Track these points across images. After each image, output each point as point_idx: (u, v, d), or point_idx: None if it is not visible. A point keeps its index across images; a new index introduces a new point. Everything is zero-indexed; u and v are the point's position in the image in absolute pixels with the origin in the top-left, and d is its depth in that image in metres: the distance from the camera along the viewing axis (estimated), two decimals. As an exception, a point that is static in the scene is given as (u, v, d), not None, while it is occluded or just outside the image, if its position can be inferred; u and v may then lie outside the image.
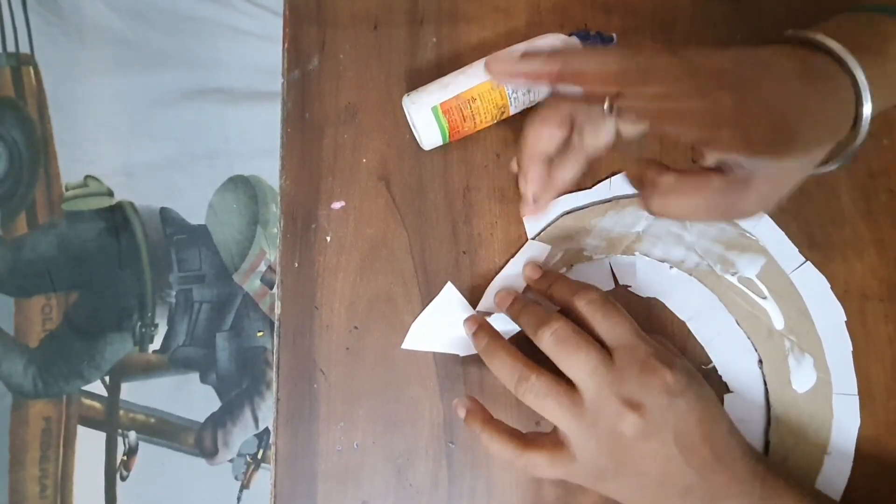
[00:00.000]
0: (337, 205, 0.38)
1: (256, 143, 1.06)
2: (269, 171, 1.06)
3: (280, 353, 0.37)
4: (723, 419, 0.31)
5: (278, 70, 0.40)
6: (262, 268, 1.04)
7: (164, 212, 1.05)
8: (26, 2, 1.08)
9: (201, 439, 1.01)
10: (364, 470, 0.36)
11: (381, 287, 0.37)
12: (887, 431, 0.35)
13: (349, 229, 0.38)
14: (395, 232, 0.38)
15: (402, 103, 0.36)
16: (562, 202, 0.37)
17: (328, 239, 0.38)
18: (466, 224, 0.38)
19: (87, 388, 1.02)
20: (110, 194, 1.05)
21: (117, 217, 1.05)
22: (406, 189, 0.38)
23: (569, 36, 0.36)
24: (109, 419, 1.01)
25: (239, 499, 1.00)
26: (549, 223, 0.37)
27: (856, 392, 0.35)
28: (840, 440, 0.35)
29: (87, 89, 1.07)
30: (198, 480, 1.00)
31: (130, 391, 1.02)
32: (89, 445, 1.01)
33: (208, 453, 1.01)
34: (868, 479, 0.35)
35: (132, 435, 1.01)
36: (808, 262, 0.36)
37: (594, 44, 0.36)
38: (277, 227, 0.39)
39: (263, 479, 1.01)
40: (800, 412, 0.35)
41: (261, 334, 1.03)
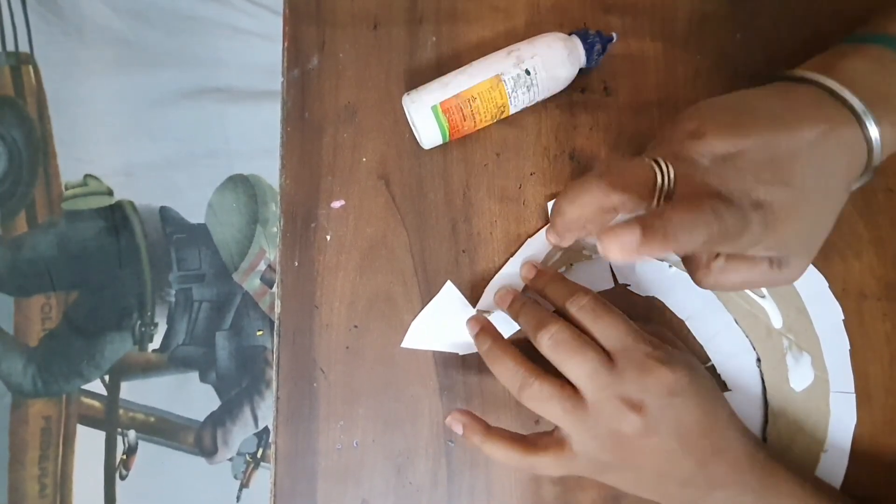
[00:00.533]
0: (337, 204, 0.38)
1: (256, 142, 1.06)
2: (269, 171, 1.06)
3: (280, 351, 0.37)
4: (722, 410, 0.31)
5: (278, 69, 0.40)
6: (261, 267, 1.04)
7: (163, 211, 1.05)
8: (26, 1, 1.08)
9: (201, 438, 1.01)
10: (364, 468, 0.36)
11: (381, 286, 0.37)
12: (884, 430, 0.35)
13: (349, 228, 0.38)
14: (395, 231, 0.38)
15: (402, 102, 0.36)
16: None
17: (328, 238, 0.38)
18: (466, 223, 0.38)
19: (86, 387, 1.02)
20: (110, 193, 1.05)
21: (117, 216, 1.05)
22: (406, 188, 0.38)
23: (569, 35, 0.36)
24: (109, 418, 1.02)
25: (238, 498, 1.00)
26: None
27: (853, 390, 0.35)
28: (837, 438, 0.35)
29: (87, 88, 1.07)
30: (197, 479, 1.00)
31: (130, 390, 1.02)
32: (89, 444, 1.01)
33: (208, 452, 1.01)
34: (864, 477, 0.35)
35: (132, 434, 1.01)
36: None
37: (594, 44, 0.36)
38: (277, 226, 0.39)
39: (263, 477, 1.01)
40: (797, 410, 0.35)
41: (260, 333, 1.03)
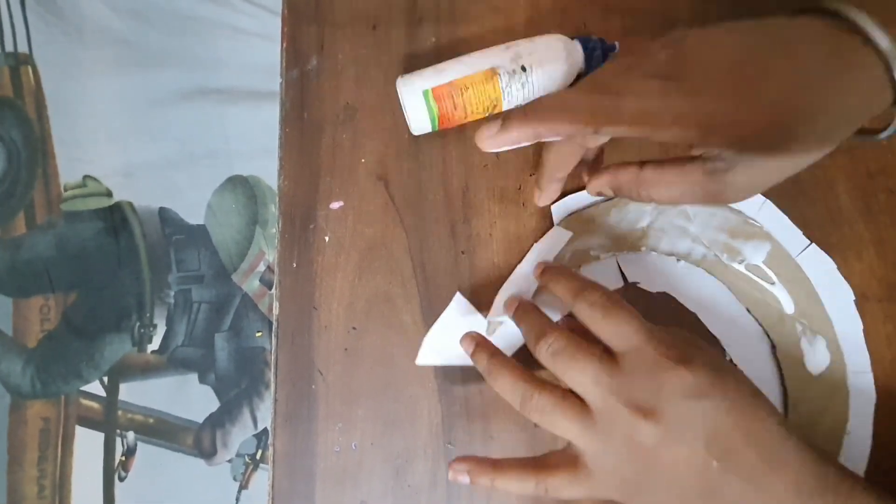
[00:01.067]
0: (335, 205, 0.38)
1: (255, 143, 1.06)
2: (269, 171, 1.06)
3: (278, 353, 0.37)
4: (769, 415, 0.26)
5: (277, 69, 0.40)
6: (260, 268, 1.04)
7: (162, 212, 1.05)
8: (25, 1, 1.08)
9: (200, 439, 1.01)
10: (362, 470, 0.36)
11: (380, 287, 0.37)
12: (885, 431, 0.35)
13: (348, 229, 0.38)
14: (394, 232, 0.38)
15: (396, 84, 0.36)
16: (570, 200, 0.37)
17: (327, 239, 0.38)
18: (465, 224, 0.38)
19: (85, 388, 1.02)
20: (109, 194, 1.05)
21: (116, 217, 1.04)
22: (405, 189, 0.38)
23: (571, 40, 0.36)
24: (108, 419, 1.01)
25: (237, 499, 1.00)
26: (572, 212, 0.37)
27: (869, 369, 0.35)
28: (858, 419, 0.34)
29: (86, 89, 1.07)
30: (196, 481, 1.00)
31: (129, 391, 1.02)
32: (88, 446, 1.01)
33: (207, 454, 1.01)
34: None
35: (131, 435, 1.01)
36: (813, 243, 0.36)
37: (595, 49, 0.36)
38: (276, 227, 0.38)
39: (262, 479, 1.01)
40: (816, 394, 0.35)
41: (259, 335, 1.03)
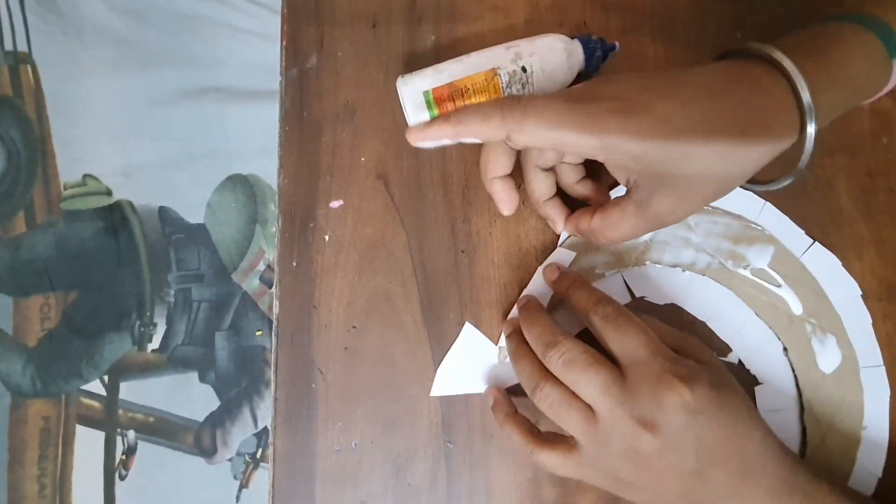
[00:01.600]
0: (335, 204, 0.38)
1: (255, 142, 1.06)
2: (268, 170, 1.06)
3: (278, 352, 0.37)
4: (755, 429, 0.29)
5: (277, 68, 0.40)
6: (260, 267, 1.04)
7: (162, 211, 1.05)
8: (24, 0, 1.07)
9: (200, 438, 1.01)
10: (362, 470, 0.36)
11: (380, 286, 0.37)
12: None
13: (347, 228, 0.38)
14: (394, 231, 0.38)
15: (396, 84, 0.36)
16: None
17: (326, 238, 0.38)
18: (465, 223, 0.38)
19: (85, 387, 1.02)
20: (109, 193, 1.05)
21: (116, 216, 1.04)
22: (405, 188, 0.38)
23: (571, 39, 0.36)
24: (108, 418, 1.01)
25: (238, 498, 1.00)
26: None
27: (882, 363, 0.35)
28: (874, 413, 0.35)
29: (86, 88, 1.07)
30: (197, 480, 1.00)
31: (129, 390, 1.02)
32: (88, 445, 1.01)
33: (207, 452, 1.01)
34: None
35: (131, 434, 1.01)
36: (816, 242, 0.36)
37: (595, 50, 0.36)
38: (276, 226, 0.38)
39: (262, 478, 1.01)
40: (831, 393, 0.35)
41: (259, 333, 1.03)
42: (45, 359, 1.02)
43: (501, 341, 0.36)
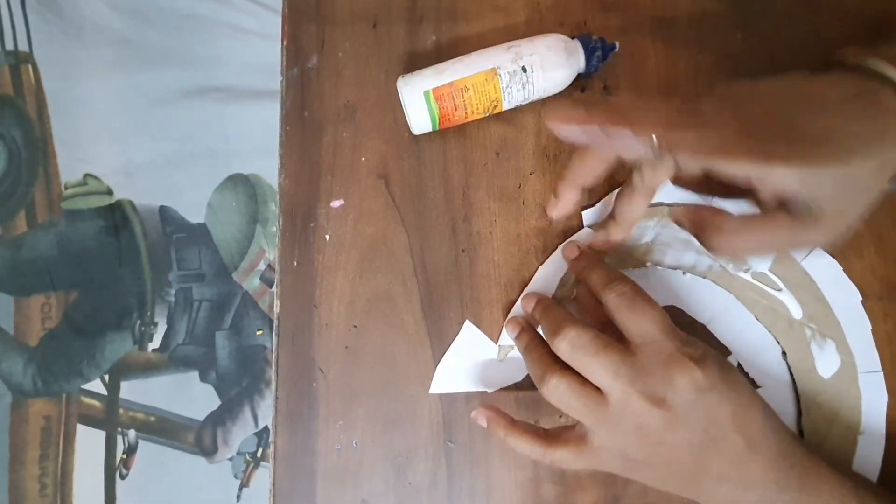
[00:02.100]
0: (336, 203, 0.38)
1: (256, 141, 1.06)
2: (269, 170, 1.06)
3: (279, 351, 0.37)
4: (757, 407, 0.30)
5: (278, 68, 0.40)
6: (261, 266, 1.04)
7: (163, 210, 1.05)
8: (25, 0, 1.08)
9: (201, 438, 1.01)
10: (363, 469, 0.36)
11: (381, 286, 0.37)
12: (894, 429, 0.35)
13: (348, 228, 0.38)
14: (395, 231, 0.38)
15: (397, 84, 0.36)
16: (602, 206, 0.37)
17: (327, 237, 0.38)
18: (466, 223, 0.38)
19: (86, 386, 1.02)
20: (110, 193, 1.05)
21: (117, 216, 1.05)
22: (405, 188, 0.38)
23: (571, 39, 0.36)
24: (109, 418, 1.02)
25: (238, 497, 1.00)
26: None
27: (880, 368, 0.35)
28: (871, 418, 0.35)
29: (87, 88, 1.07)
30: (197, 479, 1.00)
31: (130, 390, 1.02)
32: (89, 444, 1.01)
33: (208, 452, 1.01)
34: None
35: (132, 433, 1.01)
36: (818, 247, 0.36)
37: (595, 50, 0.36)
38: (276, 225, 0.39)
39: (263, 477, 1.01)
40: (829, 397, 0.35)
41: (260, 333, 1.03)
42: (47, 358, 1.02)
43: (502, 339, 0.37)
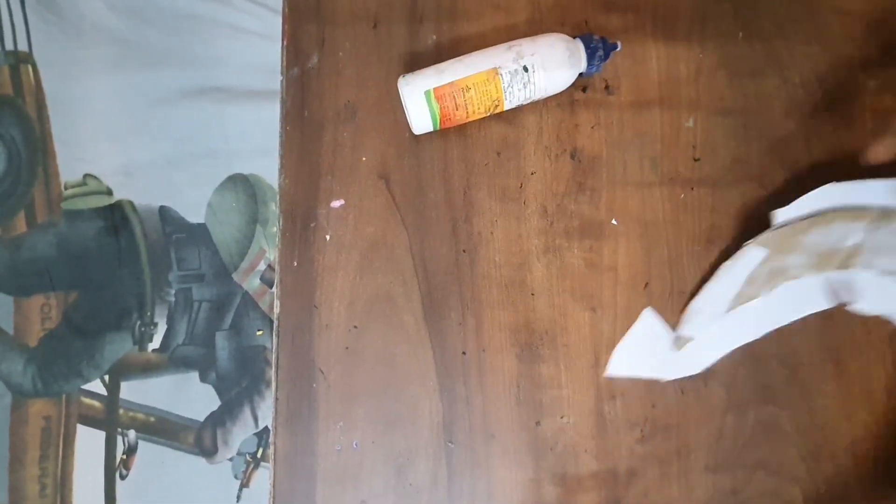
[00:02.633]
0: (336, 203, 0.38)
1: (256, 141, 1.06)
2: (269, 170, 1.06)
3: (279, 352, 0.37)
4: None
5: (278, 68, 0.40)
6: (261, 266, 1.04)
7: (163, 211, 1.05)
8: (25, 0, 1.07)
9: (201, 438, 1.01)
10: (363, 469, 0.36)
11: (381, 286, 0.37)
12: (886, 431, 0.35)
13: (348, 228, 0.38)
14: (395, 231, 0.38)
15: (398, 84, 0.36)
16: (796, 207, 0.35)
17: (327, 238, 0.38)
18: (466, 223, 0.38)
19: (86, 387, 1.02)
20: (109, 193, 1.05)
21: (116, 216, 1.04)
22: (406, 188, 0.38)
23: (573, 39, 0.36)
24: (109, 418, 1.01)
25: (238, 497, 1.00)
26: (770, 229, 0.35)
27: None
28: None
29: (86, 88, 1.06)
30: (197, 479, 1.00)
31: (130, 390, 1.02)
32: (89, 444, 1.01)
33: (208, 452, 1.01)
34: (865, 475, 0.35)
35: (132, 434, 1.01)
36: None
37: (597, 49, 0.36)
38: (277, 225, 0.38)
39: (263, 477, 1.01)
40: None
41: (260, 333, 1.03)
42: (46, 358, 1.02)
43: (680, 330, 0.36)
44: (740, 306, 0.35)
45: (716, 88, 0.38)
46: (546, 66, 0.35)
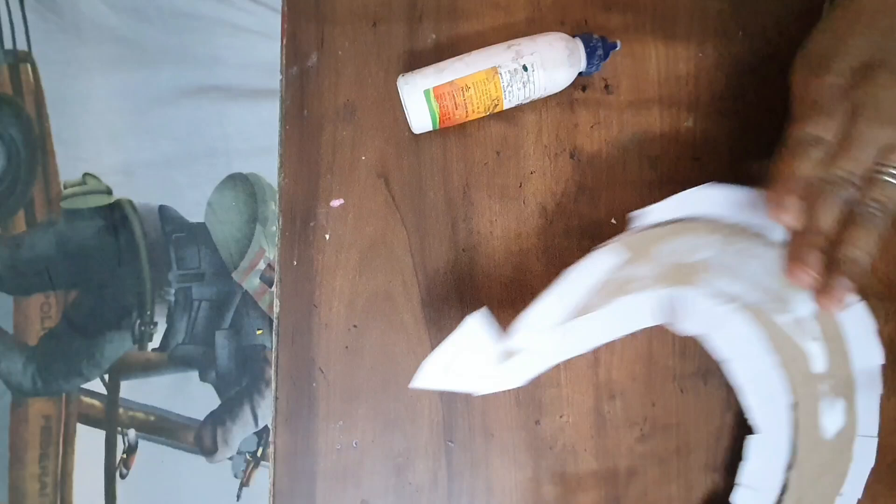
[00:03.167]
0: (336, 203, 0.38)
1: (255, 140, 1.06)
2: (269, 169, 1.06)
3: (279, 351, 0.37)
4: None
5: (277, 67, 0.40)
6: (261, 266, 1.04)
7: (162, 210, 1.05)
8: (24, -1, 1.07)
9: (201, 437, 1.01)
10: (363, 469, 0.36)
11: (381, 285, 0.37)
12: (885, 427, 0.35)
13: (348, 227, 0.38)
14: (395, 230, 0.38)
15: (397, 83, 0.36)
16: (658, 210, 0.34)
17: (327, 237, 0.38)
18: (466, 222, 0.38)
19: (86, 386, 1.02)
20: (109, 192, 1.05)
21: (116, 215, 1.04)
22: (405, 187, 0.38)
23: (573, 38, 0.36)
24: (109, 417, 1.01)
25: (238, 496, 1.00)
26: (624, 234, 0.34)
27: (877, 434, 0.34)
28: (853, 481, 0.35)
29: (85, 87, 1.06)
30: (197, 478, 1.00)
31: (130, 389, 1.02)
32: (89, 443, 1.01)
33: (208, 451, 1.01)
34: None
35: (132, 433, 1.01)
36: (864, 301, 0.34)
37: (596, 48, 0.36)
38: (276, 225, 0.38)
39: (263, 476, 1.01)
40: (823, 457, 0.34)
41: (260, 332, 1.03)
42: (46, 357, 1.02)
43: (509, 340, 0.32)
44: (576, 319, 0.32)
45: (715, 88, 0.38)
46: (545, 65, 0.35)
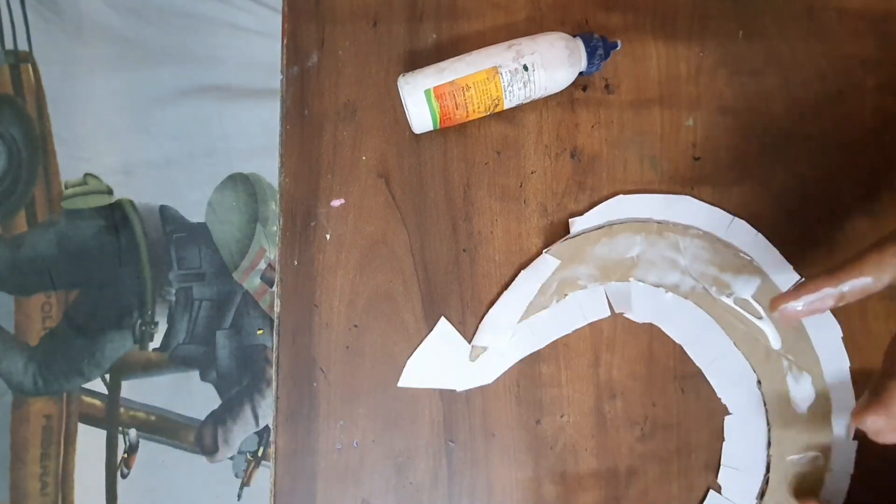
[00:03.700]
0: (336, 202, 0.38)
1: (256, 140, 1.06)
2: (269, 169, 1.06)
3: (279, 351, 0.37)
4: None
5: (277, 67, 0.40)
6: (261, 266, 1.04)
7: (163, 210, 1.05)
8: (25, -1, 1.07)
9: (202, 437, 1.01)
10: (364, 468, 0.36)
11: (381, 285, 0.37)
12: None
13: (349, 227, 0.38)
14: (395, 230, 0.38)
15: (397, 83, 0.36)
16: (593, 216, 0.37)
17: (328, 237, 0.38)
18: (466, 222, 0.38)
19: (87, 385, 1.02)
20: (110, 192, 1.05)
21: (117, 215, 1.04)
22: (406, 186, 0.38)
23: (573, 38, 0.36)
24: (110, 417, 1.02)
25: (239, 496, 1.00)
26: (562, 239, 0.37)
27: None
28: (840, 457, 0.35)
29: (86, 87, 1.06)
30: (198, 478, 1.00)
31: (131, 389, 1.02)
32: (90, 443, 1.01)
33: (209, 451, 1.01)
34: (867, 482, 0.35)
35: (133, 432, 1.01)
36: (804, 278, 0.36)
37: (597, 48, 0.36)
38: (277, 224, 0.38)
39: (264, 476, 1.01)
40: (800, 431, 0.35)
41: (261, 332, 1.03)
42: (47, 357, 1.02)
43: (475, 340, 0.36)
44: (532, 316, 0.36)
45: (716, 87, 0.38)
46: (546, 64, 0.35)
